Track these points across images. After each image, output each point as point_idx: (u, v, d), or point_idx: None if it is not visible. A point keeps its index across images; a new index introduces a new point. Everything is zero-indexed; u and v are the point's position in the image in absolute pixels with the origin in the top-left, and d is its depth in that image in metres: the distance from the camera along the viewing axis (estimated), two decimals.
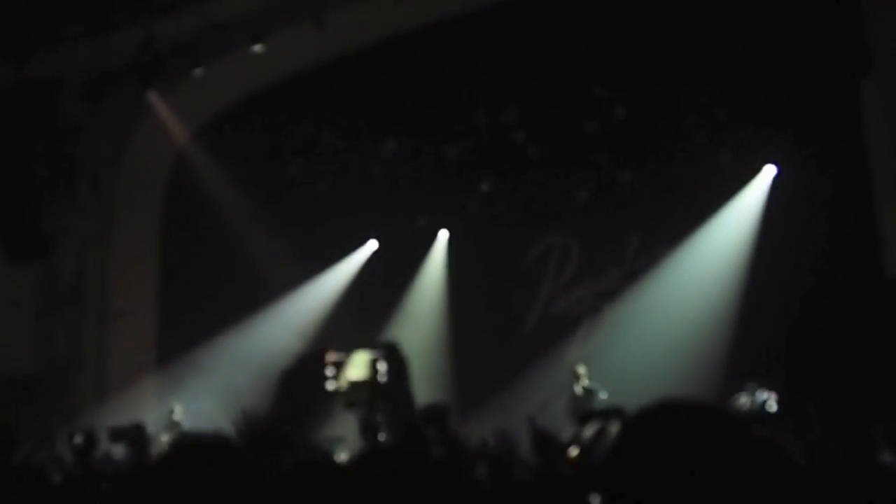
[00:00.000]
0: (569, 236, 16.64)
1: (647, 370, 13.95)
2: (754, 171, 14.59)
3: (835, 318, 9.72)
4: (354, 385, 2.98)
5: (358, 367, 2.98)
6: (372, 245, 18.13)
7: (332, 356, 3.17)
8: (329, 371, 3.09)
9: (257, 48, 14.58)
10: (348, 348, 3.13)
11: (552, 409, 13.44)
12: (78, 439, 6.30)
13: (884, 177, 11.42)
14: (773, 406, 10.04)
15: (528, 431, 5.17)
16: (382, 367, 2.94)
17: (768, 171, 14.48)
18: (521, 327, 16.79)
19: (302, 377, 3.35)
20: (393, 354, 2.98)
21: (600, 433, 2.39)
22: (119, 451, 9.89)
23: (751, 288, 13.94)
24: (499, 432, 4.92)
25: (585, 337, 16.15)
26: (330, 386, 3.09)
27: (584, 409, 12.96)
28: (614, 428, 2.34)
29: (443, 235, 17.80)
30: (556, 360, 15.75)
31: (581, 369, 13.91)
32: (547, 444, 4.37)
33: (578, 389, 13.67)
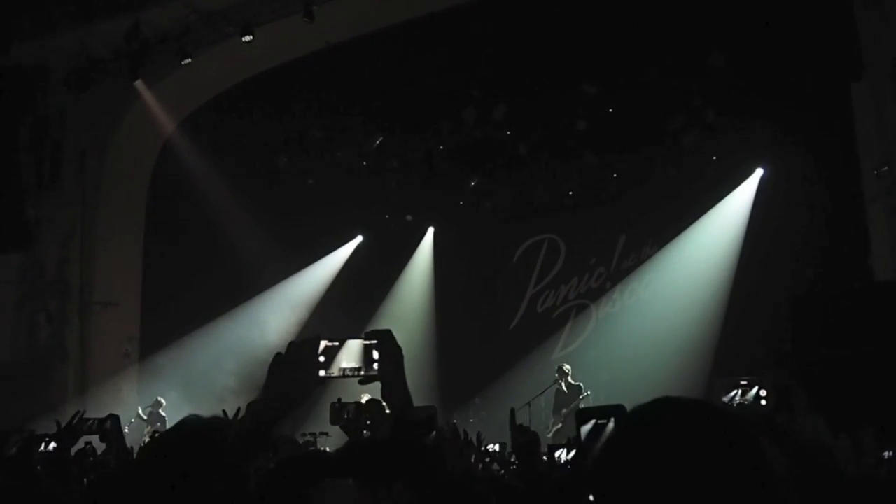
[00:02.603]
0: (556, 234, 16.64)
1: (633, 368, 13.98)
2: (743, 173, 14.62)
3: (823, 321, 9.72)
4: (346, 372, 2.90)
5: (351, 354, 2.91)
6: (358, 239, 18.10)
7: (324, 343, 3.12)
8: (322, 358, 3.04)
9: (246, 39, 14.48)
10: (337, 339, 3.07)
11: (536, 405, 13.45)
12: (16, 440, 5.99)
13: (874, 179, 11.43)
14: (762, 403, 10.05)
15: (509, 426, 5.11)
16: (376, 355, 2.87)
17: (757, 173, 14.52)
18: (508, 324, 16.79)
19: (294, 364, 3.29)
20: (387, 342, 2.91)
21: (598, 431, 2.33)
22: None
23: (738, 288, 13.98)
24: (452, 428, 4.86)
25: (571, 334, 16.17)
26: (322, 373, 3.05)
27: (575, 407, 12.97)
28: (612, 426, 2.29)
29: (430, 231, 17.77)
30: (542, 357, 15.77)
31: (566, 367, 13.90)
32: (528, 446, 4.34)
33: (563, 386, 13.66)
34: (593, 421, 2.41)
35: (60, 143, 16.49)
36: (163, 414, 14.47)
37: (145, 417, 14.53)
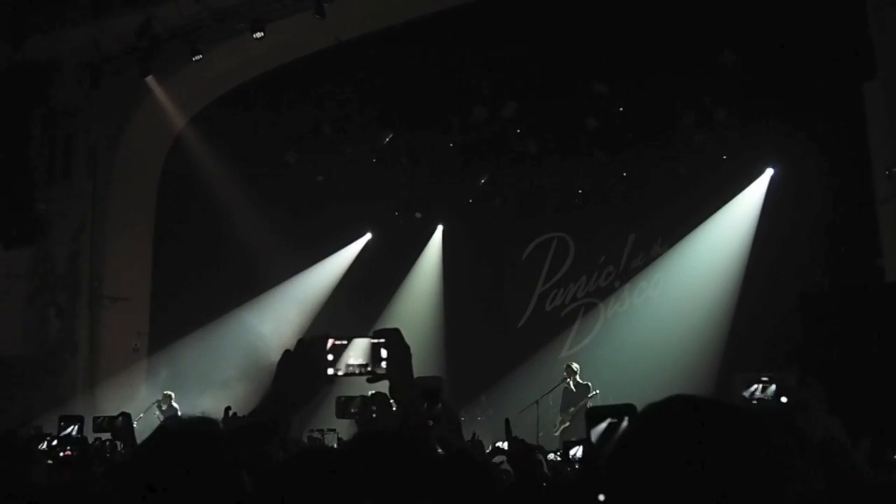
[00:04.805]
0: (565, 232, 16.60)
1: (641, 367, 13.94)
2: (754, 172, 14.55)
3: (833, 321, 9.67)
4: (354, 370, 2.90)
5: (359, 353, 2.90)
6: (367, 236, 18.09)
7: (332, 341, 3.11)
8: (330, 356, 3.04)
9: (257, 35, 14.49)
10: (345, 337, 3.06)
11: (544, 403, 13.42)
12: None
13: (885, 179, 11.37)
14: (783, 400, 9.97)
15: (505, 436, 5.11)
16: (384, 353, 2.86)
17: (768, 172, 14.46)
18: (516, 322, 16.77)
19: (302, 362, 3.29)
20: (395, 341, 2.89)
21: (611, 430, 2.32)
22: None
23: (747, 288, 13.92)
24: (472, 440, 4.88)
25: (579, 333, 16.13)
26: (330, 371, 3.04)
27: (583, 406, 12.96)
28: (626, 425, 2.27)
29: (439, 228, 17.75)
30: (550, 356, 15.74)
31: (574, 365, 13.88)
32: (524, 455, 4.34)
33: (571, 385, 13.65)
34: (608, 420, 2.39)
35: (71, 137, 16.58)
36: (175, 405, 14.47)
37: (159, 414, 14.47)
